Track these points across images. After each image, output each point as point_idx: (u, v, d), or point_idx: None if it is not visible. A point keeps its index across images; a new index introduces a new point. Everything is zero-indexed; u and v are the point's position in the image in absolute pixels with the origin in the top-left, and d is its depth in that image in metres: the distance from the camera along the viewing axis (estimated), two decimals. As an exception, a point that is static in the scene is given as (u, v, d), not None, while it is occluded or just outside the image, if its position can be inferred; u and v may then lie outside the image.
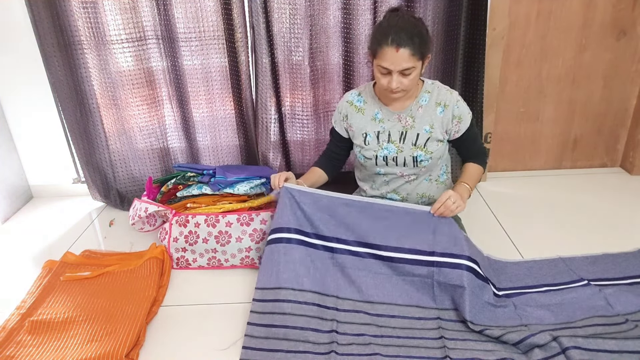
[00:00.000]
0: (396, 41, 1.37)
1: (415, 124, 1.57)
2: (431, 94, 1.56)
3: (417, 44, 1.38)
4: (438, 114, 1.55)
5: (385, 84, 1.45)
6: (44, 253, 1.96)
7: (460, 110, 1.55)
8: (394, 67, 1.40)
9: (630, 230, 1.89)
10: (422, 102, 1.56)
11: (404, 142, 1.58)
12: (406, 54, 1.38)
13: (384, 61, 1.41)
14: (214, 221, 1.75)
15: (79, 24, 1.93)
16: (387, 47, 1.38)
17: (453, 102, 1.54)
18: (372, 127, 1.61)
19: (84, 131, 2.12)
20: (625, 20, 2.09)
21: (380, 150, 1.60)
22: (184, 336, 1.46)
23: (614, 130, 2.33)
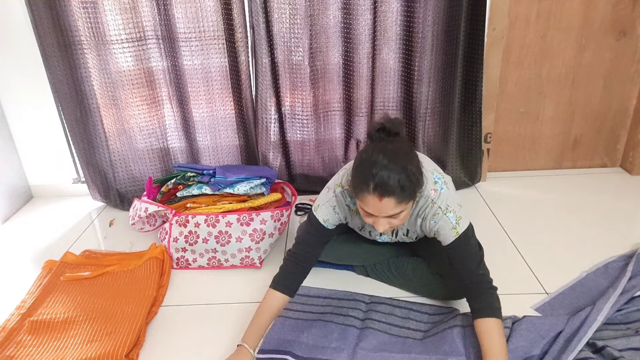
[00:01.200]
0: (379, 190, 1.15)
1: (403, 225, 1.45)
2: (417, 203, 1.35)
3: (404, 190, 1.16)
4: (418, 225, 1.39)
5: (371, 222, 1.26)
6: (44, 253, 1.96)
7: (438, 226, 1.32)
8: (378, 214, 1.21)
9: (630, 230, 1.89)
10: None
11: (396, 236, 1.51)
12: (391, 203, 1.17)
13: (366, 207, 1.21)
14: (214, 221, 1.75)
15: (79, 24, 1.93)
16: (368, 195, 1.17)
17: (430, 216, 1.33)
18: (365, 224, 1.50)
19: (84, 131, 2.12)
20: (625, 20, 2.09)
21: (376, 237, 1.55)
22: (184, 336, 1.46)
23: (614, 130, 2.33)
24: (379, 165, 1.16)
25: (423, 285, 1.55)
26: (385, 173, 1.15)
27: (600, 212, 2.03)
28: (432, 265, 1.53)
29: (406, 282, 1.59)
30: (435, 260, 1.53)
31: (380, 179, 1.15)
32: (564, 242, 1.83)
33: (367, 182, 1.16)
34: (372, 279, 1.67)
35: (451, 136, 2.17)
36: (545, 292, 1.58)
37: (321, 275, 1.71)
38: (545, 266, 1.70)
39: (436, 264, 1.52)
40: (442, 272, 1.49)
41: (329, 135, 2.22)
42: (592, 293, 1.54)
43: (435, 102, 2.10)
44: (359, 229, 1.56)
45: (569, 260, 1.72)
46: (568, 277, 1.63)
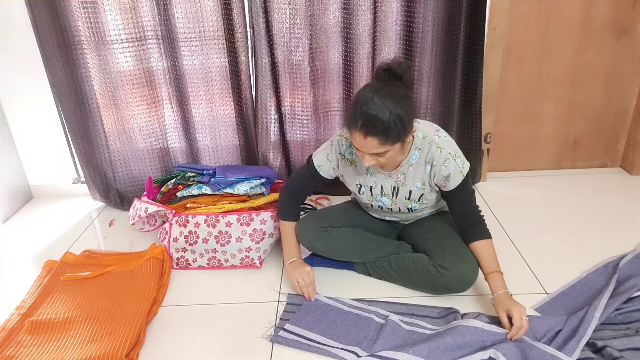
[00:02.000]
0: (364, 129, 1.24)
1: (406, 182, 1.50)
2: (421, 150, 1.44)
3: (389, 132, 1.23)
4: (427, 171, 1.46)
5: (361, 157, 1.35)
6: (44, 253, 1.96)
7: (449, 170, 1.42)
8: (364, 150, 1.30)
9: (630, 230, 1.89)
10: (413, 160, 1.45)
11: (396, 197, 1.54)
12: (375, 142, 1.25)
13: (354, 141, 1.31)
14: (214, 221, 1.75)
15: (79, 24, 1.93)
16: (355, 132, 1.26)
17: (441, 162, 1.41)
18: (364, 180, 1.55)
19: (84, 131, 2.12)
20: (625, 20, 2.09)
21: (374, 201, 1.59)
22: (184, 336, 1.46)
23: (614, 130, 2.33)
24: (370, 104, 1.23)
25: (424, 280, 1.55)
26: (373, 113, 1.22)
27: (600, 212, 2.03)
28: (433, 259, 1.53)
29: (407, 278, 1.60)
30: (436, 254, 1.53)
31: (366, 118, 1.23)
32: (564, 242, 1.83)
33: (356, 119, 1.25)
34: (373, 278, 1.67)
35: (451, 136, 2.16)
36: (545, 292, 1.58)
37: (322, 275, 1.71)
38: (545, 266, 1.70)
39: (437, 258, 1.52)
40: (443, 264, 1.49)
41: (329, 135, 2.22)
42: (592, 293, 1.54)
43: (435, 102, 2.10)
44: (357, 188, 1.58)
45: (569, 260, 1.72)
46: (568, 277, 1.63)
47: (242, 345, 1.42)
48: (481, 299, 1.55)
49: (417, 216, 1.67)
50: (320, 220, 1.64)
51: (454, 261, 1.48)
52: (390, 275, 1.63)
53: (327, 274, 1.71)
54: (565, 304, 1.51)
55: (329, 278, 1.69)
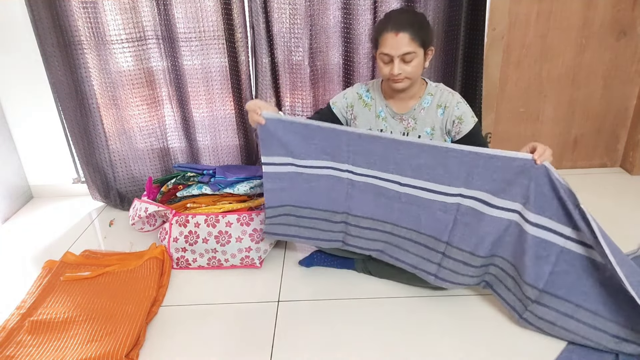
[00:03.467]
0: (395, 26, 1.38)
1: (417, 126, 1.54)
2: (434, 96, 1.53)
3: (416, 28, 1.39)
4: (439, 115, 1.52)
5: (387, 73, 1.44)
6: (44, 253, 1.96)
7: (461, 111, 1.50)
8: (394, 51, 1.40)
9: (630, 230, 1.89)
10: (425, 104, 1.53)
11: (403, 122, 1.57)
12: (406, 38, 1.38)
13: (385, 47, 1.41)
14: (214, 221, 1.75)
15: (79, 24, 1.93)
16: (387, 33, 1.39)
17: (453, 104, 1.50)
18: (375, 124, 1.59)
19: (84, 131, 2.12)
20: (625, 20, 2.09)
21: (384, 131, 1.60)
22: (184, 336, 1.46)
23: (614, 130, 2.33)
24: (397, 12, 1.46)
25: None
26: (401, 15, 1.43)
27: (600, 212, 2.02)
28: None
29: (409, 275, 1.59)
30: None
31: (399, 16, 1.42)
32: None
33: (387, 22, 1.41)
34: (373, 277, 1.67)
35: (451, 136, 2.17)
36: (545, 292, 1.57)
37: (322, 275, 1.71)
38: (545, 266, 1.69)
39: None
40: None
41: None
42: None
43: (435, 102, 2.10)
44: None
45: (569, 260, 1.71)
46: (568, 277, 1.62)
47: (242, 345, 1.42)
48: (484, 299, 1.55)
49: None
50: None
51: None
52: (392, 273, 1.63)
53: (328, 273, 1.72)
54: None
55: (330, 278, 1.69)
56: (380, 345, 1.40)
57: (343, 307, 1.55)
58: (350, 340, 1.42)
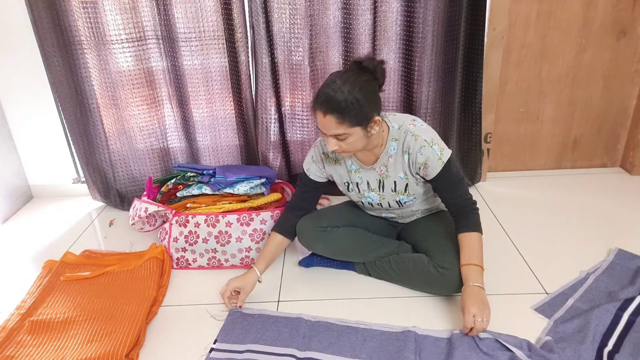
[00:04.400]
0: (322, 106, 1.31)
1: (389, 173, 1.51)
2: (398, 141, 1.46)
3: (344, 112, 1.29)
4: (405, 161, 1.47)
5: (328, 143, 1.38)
6: (44, 253, 1.96)
7: (425, 157, 1.42)
8: (324, 131, 1.35)
9: (630, 230, 1.89)
10: (391, 152, 1.48)
11: (383, 190, 1.54)
12: (332, 121, 1.31)
13: (318, 123, 1.36)
14: (214, 221, 1.75)
15: (79, 24, 1.93)
16: (317, 111, 1.33)
17: (416, 150, 1.43)
18: (350, 177, 1.57)
19: (84, 131, 2.12)
20: (625, 20, 2.09)
21: (363, 198, 1.59)
22: (184, 336, 1.46)
23: (614, 130, 2.33)
24: (331, 85, 1.31)
25: (424, 280, 1.55)
26: (332, 93, 1.30)
27: (600, 212, 2.03)
28: (433, 259, 1.53)
29: (407, 278, 1.60)
30: (436, 254, 1.53)
31: (326, 97, 1.30)
32: (564, 242, 1.83)
33: (317, 98, 1.33)
34: (372, 278, 1.67)
35: (451, 136, 2.17)
36: (545, 292, 1.58)
37: (322, 275, 1.71)
38: (545, 266, 1.70)
39: (437, 258, 1.52)
40: (443, 264, 1.49)
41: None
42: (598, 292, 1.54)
43: (436, 102, 2.10)
44: (346, 186, 1.60)
45: (569, 260, 1.72)
46: (568, 277, 1.63)
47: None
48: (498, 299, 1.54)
49: (412, 211, 1.66)
50: (319, 220, 1.63)
51: (454, 262, 1.48)
52: (390, 275, 1.63)
53: (327, 274, 1.71)
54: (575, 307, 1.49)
55: (329, 278, 1.69)
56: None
57: (343, 307, 1.54)
58: (350, 340, 1.42)
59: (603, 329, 1.37)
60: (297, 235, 1.66)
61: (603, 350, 1.30)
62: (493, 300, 1.53)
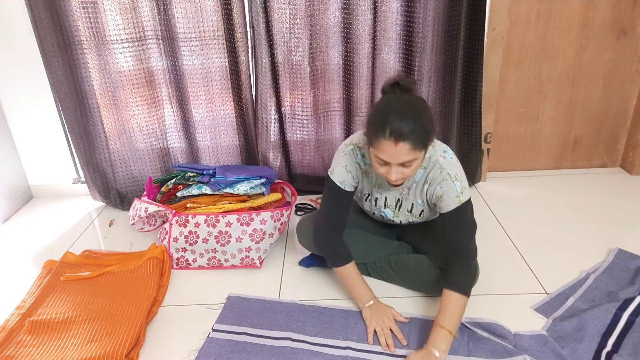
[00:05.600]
0: (395, 135, 1.20)
1: (409, 196, 1.48)
2: (426, 170, 1.42)
3: (419, 136, 1.21)
4: (424, 190, 1.44)
5: (383, 173, 1.31)
6: (44, 253, 1.96)
7: (443, 190, 1.38)
8: (392, 160, 1.25)
9: (630, 230, 1.89)
10: (417, 177, 1.44)
11: (399, 209, 1.53)
12: (406, 148, 1.21)
13: (381, 153, 1.25)
14: (214, 221, 1.75)
15: (79, 24, 1.93)
16: (384, 140, 1.22)
17: (437, 181, 1.39)
18: (372, 191, 1.53)
19: (84, 131, 2.12)
20: (625, 20, 2.09)
21: (377, 211, 1.58)
22: (184, 336, 1.46)
23: (614, 130, 2.33)
24: (395, 112, 1.22)
25: (424, 281, 1.55)
26: (401, 119, 1.20)
27: (600, 212, 2.03)
28: (434, 260, 1.53)
29: (407, 278, 1.60)
30: (437, 255, 1.53)
31: (396, 125, 1.20)
32: (564, 242, 1.83)
33: (384, 127, 1.21)
34: (372, 278, 1.67)
35: (451, 136, 2.17)
36: (545, 292, 1.58)
37: (320, 276, 1.71)
38: (545, 266, 1.70)
39: (438, 259, 1.52)
40: (444, 266, 1.49)
41: (329, 135, 2.22)
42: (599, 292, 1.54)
43: (436, 102, 2.10)
44: (365, 198, 1.55)
45: (569, 260, 1.72)
46: (568, 277, 1.63)
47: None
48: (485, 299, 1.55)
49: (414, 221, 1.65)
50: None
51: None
52: (390, 275, 1.63)
53: (327, 274, 1.71)
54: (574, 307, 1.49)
55: (329, 278, 1.69)
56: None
57: (343, 307, 1.54)
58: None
59: (602, 329, 1.37)
60: (297, 236, 1.67)
61: (602, 352, 1.30)
62: (493, 300, 1.54)
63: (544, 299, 1.54)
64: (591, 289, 1.55)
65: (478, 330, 1.40)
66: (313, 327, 1.46)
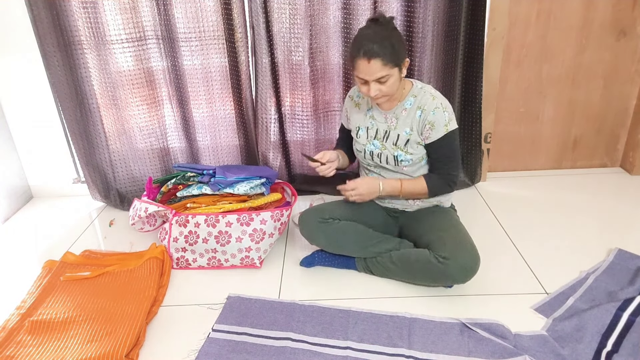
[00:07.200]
0: (367, 53, 1.42)
1: (398, 125, 1.59)
2: (416, 97, 1.57)
3: (387, 53, 1.42)
4: (417, 117, 1.56)
5: (365, 92, 1.50)
6: (44, 253, 1.96)
7: (435, 118, 1.52)
8: (368, 77, 1.45)
9: (630, 230, 1.89)
10: (407, 105, 1.58)
11: (386, 140, 1.62)
12: (378, 64, 1.42)
13: (359, 72, 1.47)
14: (214, 221, 1.75)
15: (79, 24, 1.93)
16: (359, 60, 1.44)
17: (430, 108, 1.53)
18: (364, 122, 1.67)
19: (84, 131, 2.12)
20: (625, 20, 2.09)
21: (367, 145, 1.65)
22: (184, 336, 1.46)
23: (614, 130, 2.33)
24: (367, 37, 1.44)
25: (426, 272, 1.55)
26: (372, 41, 1.42)
27: (600, 212, 2.03)
28: (434, 250, 1.52)
29: (409, 272, 1.60)
30: (437, 246, 1.53)
31: (368, 46, 1.42)
32: (564, 242, 1.83)
33: (359, 49, 1.43)
34: (374, 276, 1.67)
35: (451, 136, 2.17)
36: (545, 292, 1.58)
37: (323, 275, 1.71)
38: (545, 266, 1.70)
39: (438, 249, 1.52)
40: (444, 254, 1.49)
41: (329, 135, 2.22)
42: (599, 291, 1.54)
43: (435, 102, 2.10)
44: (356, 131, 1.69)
45: (569, 260, 1.72)
46: (568, 277, 1.63)
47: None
48: (486, 299, 1.55)
49: (415, 203, 1.68)
50: (320, 212, 1.68)
51: (454, 250, 1.48)
52: (392, 270, 1.63)
53: (327, 274, 1.72)
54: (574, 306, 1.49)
55: (329, 278, 1.69)
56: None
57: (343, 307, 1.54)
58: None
59: (602, 329, 1.37)
60: (299, 227, 1.71)
61: (602, 352, 1.30)
62: (493, 300, 1.54)
63: (544, 299, 1.54)
64: (591, 289, 1.55)
65: (478, 330, 1.40)
66: (313, 327, 1.46)
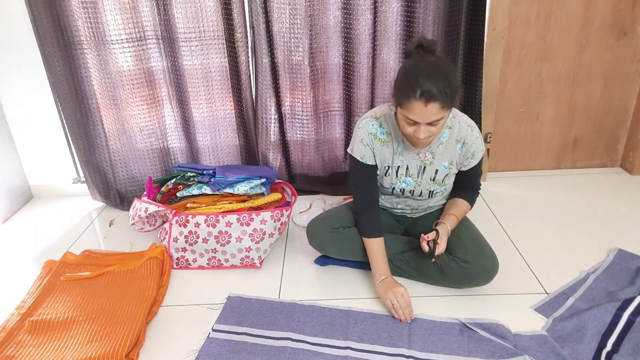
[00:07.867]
0: (425, 95, 1.26)
1: (434, 160, 1.51)
2: (452, 129, 1.48)
3: (447, 95, 1.27)
4: (457, 150, 1.50)
5: (411, 133, 1.36)
6: (44, 253, 1.96)
7: (477, 147, 1.49)
8: (422, 120, 1.30)
9: (630, 230, 1.89)
10: (443, 139, 1.49)
11: (422, 177, 1.54)
12: (436, 108, 1.28)
13: (411, 114, 1.30)
14: (214, 221, 1.75)
15: (79, 24, 1.93)
16: (414, 101, 1.27)
17: (472, 139, 1.48)
18: (393, 161, 1.54)
19: (84, 131, 2.12)
20: (625, 20, 2.09)
21: (398, 184, 1.56)
22: (184, 336, 1.46)
23: (614, 130, 2.33)
24: (424, 74, 1.27)
25: (445, 276, 1.54)
26: (430, 80, 1.26)
27: (600, 212, 2.03)
28: (453, 253, 1.52)
29: (426, 275, 1.59)
30: (456, 248, 1.51)
31: (426, 86, 1.26)
32: (564, 242, 1.83)
33: (414, 89, 1.27)
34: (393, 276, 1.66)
35: (451, 136, 2.17)
36: (545, 292, 1.58)
37: (336, 275, 1.71)
38: (545, 266, 1.70)
39: (458, 252, 1.51)
40: (466, 258, 1.49)
41: (329, 135, 2.22)
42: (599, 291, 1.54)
43: (435, 102, 2.10)
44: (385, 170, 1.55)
45: (569, 260, 1.72)
46: (568, 277, 1.63)
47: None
48: (486, 299, 1.55)
49: (428, 206, 1.66)
50: (330, 221, 1.64)
51: (476, 254, 1.48)
52: (409, 273, 1.63)
53: (328, 274, 1.72)
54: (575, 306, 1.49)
55: (329, 278, 1.69)
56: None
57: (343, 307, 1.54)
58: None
59: (602, 329, 1.37)
60: (309, 239, 1.67)
61: (602, 352, 1.30)
62: (493, 300, 1.54)
63: (544, 299, 1.54)
64: (591, 289, 1.55)
65: (478, 330, 1.40)
66: (313, 327, 1.46)
